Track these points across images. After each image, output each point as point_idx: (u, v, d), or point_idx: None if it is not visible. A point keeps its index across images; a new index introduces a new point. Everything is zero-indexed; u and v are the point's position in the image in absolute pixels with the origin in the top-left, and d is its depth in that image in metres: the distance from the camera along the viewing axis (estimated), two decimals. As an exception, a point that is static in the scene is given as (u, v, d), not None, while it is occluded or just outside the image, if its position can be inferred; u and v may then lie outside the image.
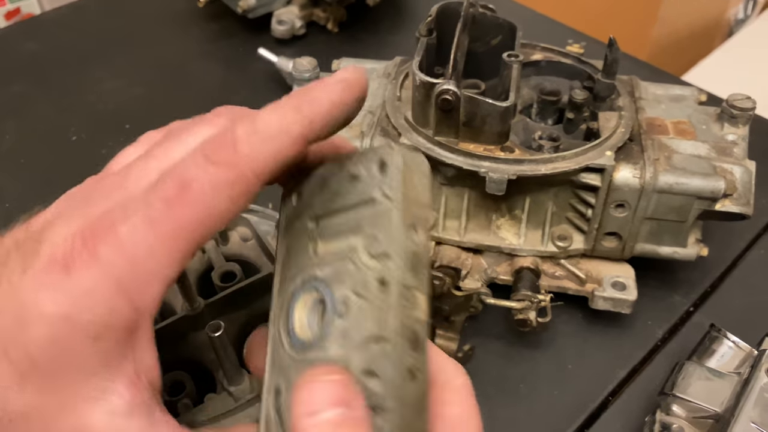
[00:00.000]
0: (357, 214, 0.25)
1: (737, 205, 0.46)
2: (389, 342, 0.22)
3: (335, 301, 0.24)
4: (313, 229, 0.26)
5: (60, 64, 0.79)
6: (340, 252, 0.25)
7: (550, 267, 0.50)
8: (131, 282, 0.23)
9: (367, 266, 0.24)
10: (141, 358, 0.25)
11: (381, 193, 0.24)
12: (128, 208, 0.23)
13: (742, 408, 0.39)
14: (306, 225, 0.26)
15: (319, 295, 0.25)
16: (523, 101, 0.53)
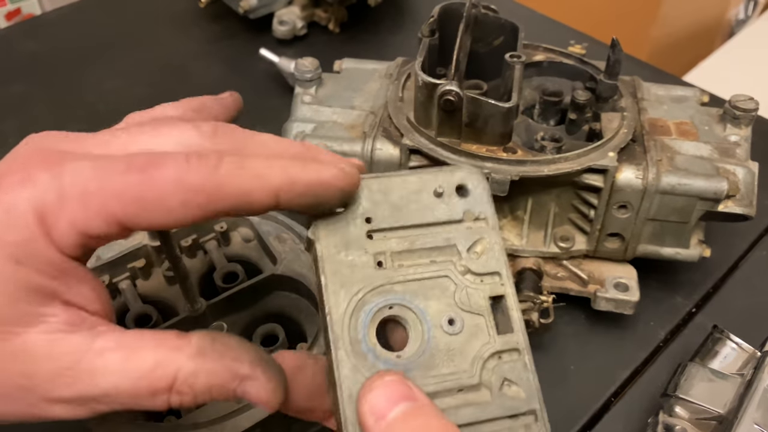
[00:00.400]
0: (443, 231, 0.27)
1: (740, 206, 0.46)
2: (521, 352, 0.27)
3: (432, 317, 0.26)
4: (379, 242, 0.27)
5: (61, 64, 0.79)
6: (422, 268, 0.26)
7: (553, 268, 0.50)
8: (53, 217, 0.23)
9: (472, 283, 0.27)
10: (77, 291, 0.25)
11: (472, 214, 0.28)
12: (90, 155, 0.24)
13: (745, 409, 0.39)
14: (361, 235, 0.27)
15: (395, 311, 0.26)
16: (526, 102, 0.52)
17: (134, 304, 0.43)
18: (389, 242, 0.27)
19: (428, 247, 0.27)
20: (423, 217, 0.27)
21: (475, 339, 0.27)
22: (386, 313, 0.26)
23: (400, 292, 0.26)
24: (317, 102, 0.53)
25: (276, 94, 0.73)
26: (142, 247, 0.44)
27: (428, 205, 0.28)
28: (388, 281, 0.26)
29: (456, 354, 0.26)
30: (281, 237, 0.46)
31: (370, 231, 0.27)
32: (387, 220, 0.27)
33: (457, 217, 0.28)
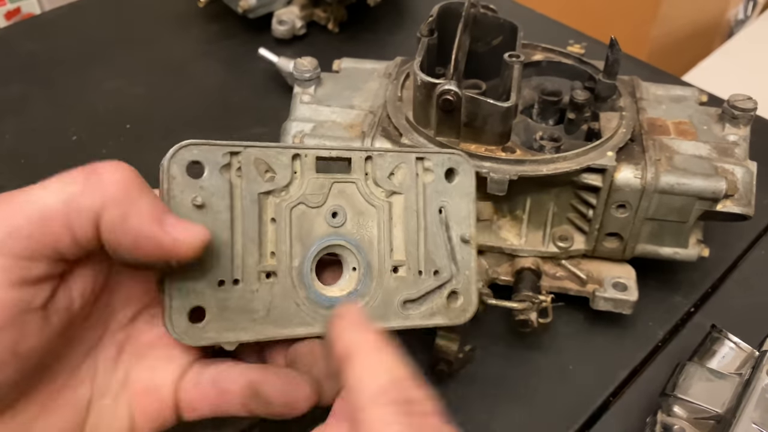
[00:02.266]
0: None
1: (738, 205, 0.46)
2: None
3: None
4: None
5: (60, 63, 0.79)
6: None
7: (551, 267, 0.50)
8: None
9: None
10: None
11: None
12: None
13: (743, 409, 0.39)
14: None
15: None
16: (524, 101, 0.53)
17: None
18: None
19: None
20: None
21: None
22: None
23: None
24: (316, 101, 0.53)
25: (275, 93, 0.73)
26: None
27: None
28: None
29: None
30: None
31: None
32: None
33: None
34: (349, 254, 0.29)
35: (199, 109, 0.73)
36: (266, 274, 0.27)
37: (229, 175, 0.27)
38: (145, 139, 0.69)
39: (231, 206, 0.27)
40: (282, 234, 0.28)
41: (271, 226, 0.28)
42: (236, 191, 0.27)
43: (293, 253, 0.28)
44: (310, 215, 0.29)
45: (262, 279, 0.28)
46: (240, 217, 0.27)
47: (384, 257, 0.30)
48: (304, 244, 0.28)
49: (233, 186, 0.27)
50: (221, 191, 0.27)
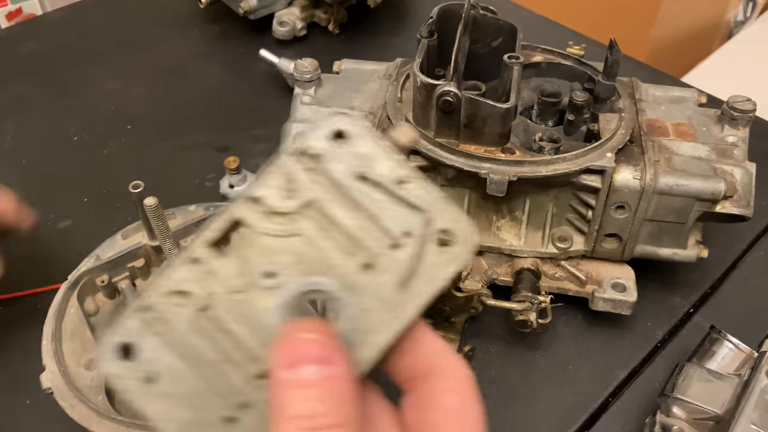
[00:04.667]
0: None
1: (737, 206, 0.46)
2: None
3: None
4: None
5: (61, 64, 0.79)
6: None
7: (551, 268, 0.50)
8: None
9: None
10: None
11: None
12: None
13: (742, 410, 0.39)
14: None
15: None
16: (524, 103, 0.53)
17: (134, 304, 0.43)
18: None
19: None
20: None
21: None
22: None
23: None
24: (317, 102, 0.53)
25: (275, 94, 0.73)
26: (142, 246, 0.45)
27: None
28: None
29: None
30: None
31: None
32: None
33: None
34: (317, 295, 0.25)
35: (199, 110, 0.73)
36: (260, 377, 0.24)
37: (156, 330, 0.24)
38: (146, 139, 0.69)
39: (179, 354, 0.24)
40: (243, 335, 0.24)
41: (229, 336, 0.24)
42: (172, 338, 0.24)
43: (265, 340, 0.24)
44: (251, 297, 0.25)
45: (263, 384, 0.24)
46: (195, 356, 0.24)
47: (347, 268, 0.25)
48: (267, 326, 0.24)
49: (166, 335, 0.24)
50: (160, 349, 0.24)
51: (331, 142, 0.25)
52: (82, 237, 0.60)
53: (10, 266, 0.58)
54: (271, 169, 0.25)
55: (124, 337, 0.24)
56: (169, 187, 0.63)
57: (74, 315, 0.42)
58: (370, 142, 0.26)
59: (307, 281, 0.25)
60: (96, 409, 0.36)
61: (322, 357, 0.23)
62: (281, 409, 0.22)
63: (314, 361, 0.22)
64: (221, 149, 0.67)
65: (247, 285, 0.24)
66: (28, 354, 0.44)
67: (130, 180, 0.41)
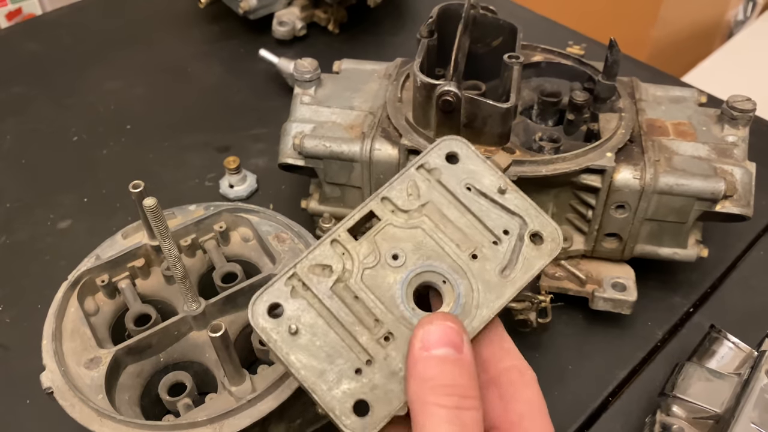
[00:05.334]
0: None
1: (737, 206, 0.46)
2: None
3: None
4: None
5: (61, 64, 0.79)
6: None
7: (551, 268, 0.50)
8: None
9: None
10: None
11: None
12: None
13: (742, 409, 0.39)
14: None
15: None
16: (524, 102, 0.53)
17: (134, 304, 0.43)
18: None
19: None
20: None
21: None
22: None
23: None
24: (316, 102, 0.53)
25: (275, 94, 0.73)
26: (142, 246, 0.45)
27: None
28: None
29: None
30: (280, 236, 0.46)
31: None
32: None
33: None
34: (431, 275, 0.31)
35: (199, 110, 0.73)
36: (384, 338, 0.30)
37: (300, 294, 0.30)
38: (145, 139, 0.69)
39: (318, 314, 0.30)
40: (370, 302, 0.30)
41: (358, 303, 0.30)
42: (313, 301, 0.30)
43: (389, 308, 0.30)
44: (379, 274, 0.31)
45: (384, 344, 0.30)
46: (331, 316, 0.30)
47: (457, 255, 0.31)
48: (391, 297, 0.30)
49: (308, 298, 0.30)
50: (303, 309, 0.30)
51: (444, 161, 0.33)
52: (82, 237, 0.60)
53: (11, 264, 0.58)
54: (398, 178, 0.33)
55: (273, 297, 0.30)
56: (169, 186, 0.64)
57: (74, 314, 0.42)
58: (478, 161, 0.33)
59: (425, 263, 0.31)
60: (96, 409, 0.36)
61: (457, 343, 0.28)
62: (424, 379, 0.27)
63: (451, 345, 0.28)
64: (221, 149, 0.67)
65: (376, 263, 0.31)
66: (29, 354, 0.44)
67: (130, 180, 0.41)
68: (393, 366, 0.29)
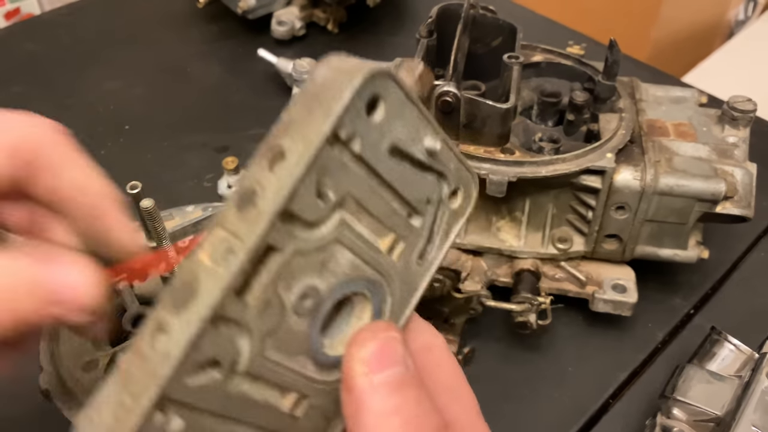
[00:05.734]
0: None
1: (738, 207, 0.46)
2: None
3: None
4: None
5: (60, 64, 0.79)
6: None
7: (551, 269, 0.50)
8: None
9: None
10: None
11: None
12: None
13: (743, 411, 0.39)
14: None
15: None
16: (524, 103, 0.52)
17: (132, 305, 0.43)
18: None
19: None
20: None
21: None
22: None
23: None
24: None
25: (274, 94, 0.73)
26: (140, 247, 0.44)
27: None
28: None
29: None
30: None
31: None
32: None
33: None
34: (344, 297, 0.23)
35: (198, 110, 0.73)
36: (295, 405, 0.22)
37: (177, 424, 0.19)
38: (144, 139, 0.69)
39: (212, 429, 0.20)
40: (273, 376, 0.21)
41: (257, 384, 0.21)
42: (202, 419, 0.20)
43: (299, 367, 0.22)
44: (284, 332, 0.21)
45: (297, 413, 0.22)
46: (230, 421, 0.21)
47: (375, 259, 0.23)
48: (302, 350, 0.22)
49: (193, 420, 0.20)
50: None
51: (364, 116, 0.21)
52: (80, 237, 0.60)
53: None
54: (300, 171, 0.19)
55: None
56: (167, 187, 0.63)
57: (71, 316, 0.42)
58: (407, 107, 0.22)
59: (341, 288, 0.22)
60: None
61: (404, 357, 0.21)
62: (386, 415, 0.20)
63: (402, 362, 0.21)
64: (220, 149, 0.67)
65: (280, 320, 0.20)
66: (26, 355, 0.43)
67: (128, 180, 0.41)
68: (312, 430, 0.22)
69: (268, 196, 0.19)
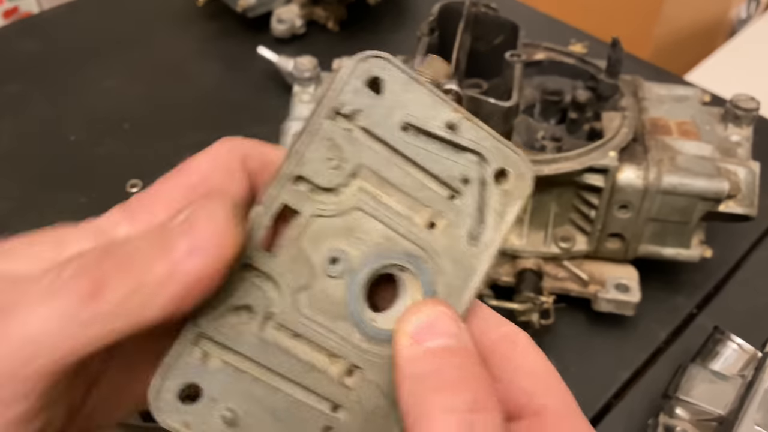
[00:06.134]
0: None
1: (741, 206, 0.46)
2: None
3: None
4: None
5: (58, 63, 0.78)
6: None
7: (553, 268, 0.50)
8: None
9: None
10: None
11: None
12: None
13: (746, 410, 0.39)
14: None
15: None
16: (526, 101, 0.52)
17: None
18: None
19: None
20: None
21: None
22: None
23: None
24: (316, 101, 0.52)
25: (274, 93, 0.73)
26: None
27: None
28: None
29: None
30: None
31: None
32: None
33: None
34: (386, 269, 0.23)
35: (197, 109, 0.72)
36: (346, 374, 0.22)
37: (218, 358, 0.21)
38: (143, 138, 0.69)
39: (253, 377, 0.22)
40: (317, 335, 0.22)
41: (301, 342, 0.22)
42: (241, 363, 0.22)
43: (345, 333, 0.22)
44: (318, 292, 0.22)
45: (350, 382, 0.23)
46: (272, 374, 0.22)
47: (412, 231, 0.23)
48: (342, 315, 0.22)
49: (232, 362, 0.21)
50: (230, 380, 0.21)
51: (366, 93, 0.22)
52: (79, 237, 0.59)
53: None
54: (307, 139, 0.22)
55: (182, 377, 0.21)
56: (168, 186, 0.63)
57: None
58: (412, 84, 0.23)
59: (375, 257, 0.22)
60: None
61: (454, 330, 0.21)
62: (422, 378, 0.20)
63: (449, 334, 0.21)
64: (220, 148, 0.67)
65: (311, 278, 0.22)
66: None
67: (127, 179, 0.41)
68: (369, 405, 0.22)
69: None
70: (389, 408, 0.23)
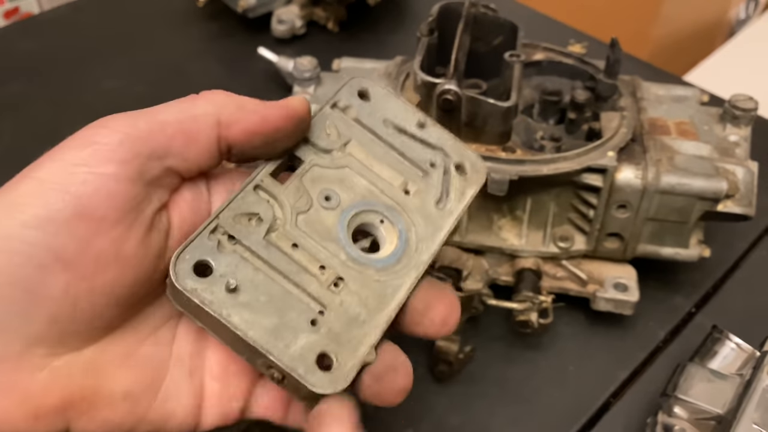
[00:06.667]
0: None
1: (739, 206, 0.46)
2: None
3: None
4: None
5: (58, 63, 0.78)
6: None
7: (552, 268, 0.50)
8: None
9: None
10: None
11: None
12: None
13: (744, 410, 0.39)
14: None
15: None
16: (525, 101, 0.52)
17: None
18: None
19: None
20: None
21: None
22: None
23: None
24: (316, 101, 0.53)
25: (275, 93, 0.73)
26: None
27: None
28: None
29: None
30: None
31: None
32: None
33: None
34: (368, 215, 0.30)
35: (198, 109, 0.72)
36: (333, 284, 0.28)
37: (229, 248, 0.27)
38: (144, 138, 0.69)
39: (255, 267, 0.27)
40: (312, 248, 0.28)
41: (297, 251, 0.28)
42: (247, 254, 0.27)
43: (334, 252, 0.28)
44: (314, 217, 0.29)
45: (335, 290, 0.28)
46: (271, 268, 0.27)
47: (390, 191, 0.30)
48: (332, 238, 0.29)
49: (240, 252, 0.27)
50: (237, 264, 0.27)
51: (357, 99, 0.32)
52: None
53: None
54: (314, 119, 0.30)
55: (198, 254, 0.26)
56: (168, 186, 0.63)
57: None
58: (391, 98, 0.32)
59: (361, 202, 0.30)
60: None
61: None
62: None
63: None
64: (220, 148, 0.67)
65: (309, 206, 0.29)
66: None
67: (127, 179, 0.41)
68: (351, 311, 0.27)
69: None
70: (367, 316, 0.28)
